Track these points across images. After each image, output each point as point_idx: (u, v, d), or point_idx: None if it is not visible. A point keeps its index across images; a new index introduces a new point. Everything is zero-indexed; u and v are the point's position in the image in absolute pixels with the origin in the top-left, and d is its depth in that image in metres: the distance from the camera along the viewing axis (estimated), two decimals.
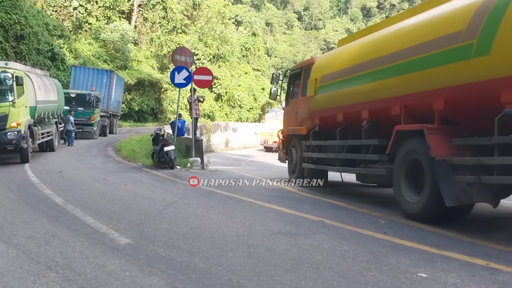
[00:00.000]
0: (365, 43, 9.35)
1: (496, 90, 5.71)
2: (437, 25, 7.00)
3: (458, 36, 6.27)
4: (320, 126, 10.58)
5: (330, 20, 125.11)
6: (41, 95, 15.95)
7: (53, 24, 34.55)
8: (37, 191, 9.23)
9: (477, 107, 6.21)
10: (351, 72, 9.14)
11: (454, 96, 6.45)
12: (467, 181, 6.03)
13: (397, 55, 7.64)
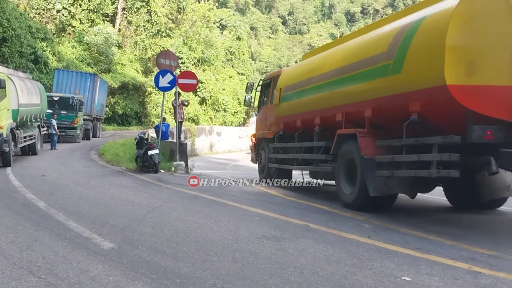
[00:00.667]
0: (318, 59, 10.90)
1: (405, 102, 7.10)
2: (368, 47, 8.47)
3: (381, 57, 7.66)
4: (284, 130, 11.87)
5: (314, 25, 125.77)
6: (23, 98, 15.76)
7: (36, 27, 34.21)
8: (19, 195, 9.10)
9: (394, 115, 7.51)
10: (306, 84, 10.54)
11: (378, 106, 7.83)
12: (385, 175, 7.50)
13: (339, 71, 9.09)
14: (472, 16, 6.37)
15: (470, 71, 6.28)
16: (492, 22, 6.39)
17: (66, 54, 38.19)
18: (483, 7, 6.44)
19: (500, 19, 6.38)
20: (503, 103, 6.31)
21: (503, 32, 6.34)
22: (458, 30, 6.30)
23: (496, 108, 6.29)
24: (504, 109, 6.29)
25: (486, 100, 6.30)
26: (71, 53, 39.35)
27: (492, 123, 6.27)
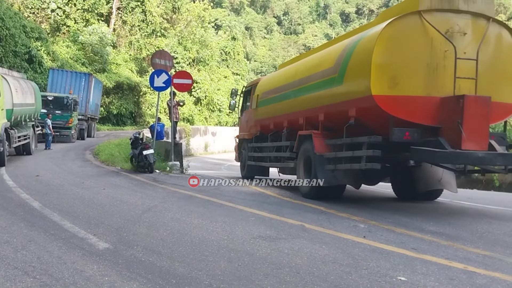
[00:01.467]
0: (287, 70, 12.55)
1: (346, 109, 8.51)
2: (321, 62, 9.99)
3: (329, 71, 9.23)
4: (260, 132, 13.38)
5: (309, 25, 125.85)
6: (18, 98, 15.70)
7: (31, 27, 34.09)
8: (13, 196, 9.06)
9: (338, 119, 8.84)
10: (277, 92, 12.17)
11: (328, 112, 9.34)
12: (331, 168, 8.88)
13: (301, 81, 10.66)
14: (393, 40, 7.75)
15: (391, 84, 7.64)
16: (410, 43, 7.77)
17: (61, 53, 38.07)
18: (403, 32, 7.77)
19: (416, 41, 7.73)
20: (419, 110, 7.64)
21: (419, 51, 7.68)
22: (382, 51, 7.65)
23: (414, 114, 7.62)
24: (421, 115, 7.63)
25: (405, 107, 7.63)
26: (65, 53, 39.23)
27: (411, 126, 7.58)
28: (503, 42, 8.14)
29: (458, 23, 7.74)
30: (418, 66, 7.67)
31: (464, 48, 7.69)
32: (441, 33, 7.62)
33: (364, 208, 8.58)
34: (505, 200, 11.03)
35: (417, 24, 7.69)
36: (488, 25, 7.88)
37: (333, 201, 9.37)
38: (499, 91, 7.95)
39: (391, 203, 9.78)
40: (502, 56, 8.09)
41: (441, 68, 7.64)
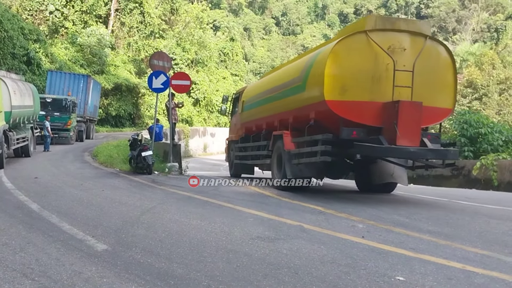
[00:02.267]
0: (267, 78, 14.31)
1: (308, 112, 9.85)
2: (290, 72, 11.51)
3: (296, 80, 10.65)
4: (245, 134, 14.63)
5: (307, 26, 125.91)
6: (16, 100, 15.70)
7: (29, 28, 34.08)
8: (12, 198, 9.06)
9: (303, 120, 10.14)
10: (258, 98, 13.63)
11: (296, 114, 10.67)
12: (295, 163, 10.18)
13: (275, 88, 12.14)
14: (343, 54, 9.14)
15: (341, 91, 9.01)
16: (357, 58, 9.09)
17: (59, 55, 38.07)
18: (351, 48, 9.15)
19: (362, 56, 9.04)
20: (365, 113, 8.94)
21: (365, 64, 8.99)
22: (333, 64, 9.04)
23: (360, 116, 8.94)
24: (366, 117, 8.93)
25: (352, 111, 8.95)
26: (64, 55, 39.24)
27: (358, 127, 8.91)
28: (438, 56, 9.56)
29: (399, 40, 9.14)
30: (364, 76, 8.99)
31: (403, 62, 9.00)
32: (383, 49, 8.96)
33: (363, 208, 8.58)
34: (503, 199, 11.05)
35: (363, 42, 9.05)
36: (425, 42, 9.27)
37: (332, 201, 9.39)
38: (433, 97, 9.28)
39: (391, 203, 9.78)
40: (437, 68, 9.48)
41: (383, 78, 8.95)
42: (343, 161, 10.87)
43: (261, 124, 13.05)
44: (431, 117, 9.36)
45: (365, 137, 8.88)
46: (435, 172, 15.22)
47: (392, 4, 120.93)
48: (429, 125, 9.81)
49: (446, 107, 9.60)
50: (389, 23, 9.49)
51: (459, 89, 42.56)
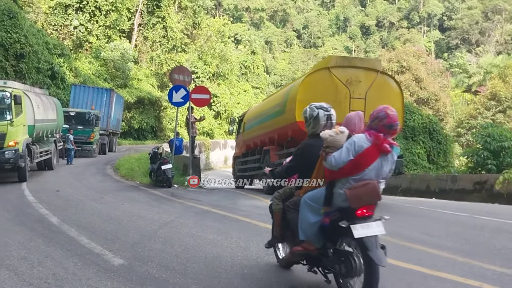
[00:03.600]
0: (262, 103, 17.54)
1: (286, 130, 12.30)
2: (276, 98, 14.33)
3: (279, 104, 13.21)
4: (246, 150, 16.73)
5: (329, 38, 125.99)
6: (39, 114, 15.99)
7: (53, 43, 34.76)
8: (33, 211, 9.21)
9: (284, 137, 12.66)
10: (254, 119, 16.02)
11: (279, 132, 13.03)
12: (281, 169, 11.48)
13: (265, 112, 14.78)
14: (311, 85, 11.57)
15: None
16: (322, 88, 11.39)
17: (83, 69, 38.71)
18: (317, 80, 11.61)
19: (326, 87, 11.39)
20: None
21: (328, 93, 11.14)
22: (303, 92, 11.46)
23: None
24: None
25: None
26: (88, 69, 39.90)
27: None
28: (388, 86, 11.85)
29: (355, 75, 11.47)
30: (327, 102, 9.82)
31: (358, 91, 11.34)
32: (342, 82, 11.39)
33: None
34: None
35: (326, 76, 11.48)
36: (377, 76, 11.61)
37: None
38: None
39: (410, 219, 9.66)
40: (386, 96, 11.41)
41: (342, 104, 11.09)
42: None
43: (257, 141, 15.30)
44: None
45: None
46: (457, 186, 15.00)
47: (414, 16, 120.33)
48: None
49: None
50: (347, 61, 12.18)
51: (482, 102, 42.21)
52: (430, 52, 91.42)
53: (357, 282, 4.14)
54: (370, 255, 3.94)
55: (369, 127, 4.15)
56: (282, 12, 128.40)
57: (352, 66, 11.67)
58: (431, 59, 58.09)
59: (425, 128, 24.52)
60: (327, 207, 4.26)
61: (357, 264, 4.09)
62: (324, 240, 4.44)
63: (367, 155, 4.08)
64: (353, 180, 4.14)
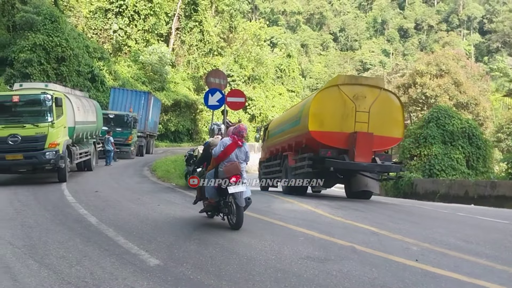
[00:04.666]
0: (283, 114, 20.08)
1: (302, 138, 13.66)
2: (294, 110, 16.11)
3: (296, 116, 14.66)
4: (269, 155, 18.12)
5: (366, 41, 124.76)
6: (79, 116, 16.39)
7: (94, 47, 35.59)
8: (72, 211, 9.43)
9: (299, 144, 13.96)
10: (276, 128, 17.75)
11: (295, 140, 14.32)
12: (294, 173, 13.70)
13: (285, 122, 16.44)
14: (322, 100, 13.00)
15: (321, 124, 12.80)
16: (332, 103, 12.82)
17: (122, 73, 39.48)
18: (328, 96, 13.00)
19: (335, 101, 12.78)
20: (336, 139, 12.66)
21: (337, 107, 12.73)
22: (316, 106, 12.92)
23: (333, 142, 12.68)
24: (337, 142, 12.65)
25: (328, 138, 12.72)
26: (126, 72, 40.67)
27: (332, 148, 12.58)
28: (390, 101, 13.22)
29: (361, 91, 12.79)
30: (336, 115, 12.70)
31: (363, 105, 12.67)
32: (349, 97, 12.71)
33: (418, 230, 8.34)
34: None
35: (336, 92, 12.84)
36: (380, 92, 12.97)
37: (386, 222, 9.19)
38: (385, 130, 12.83)
39: (448, 225, 9.46)
40: (388, 110, 12.99)
41: (349, 116, 12.63)
42: (333, 175, 13.47)
43: (278, 147, 16.52)
44: (384, 143, 12.93)
45: (336, 155, 12.50)
46: (496, 192, 14.61)
47: (453, 19, 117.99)
48: (383, 148, 13.13)
49: (396, 137, 13.28)
50: (354, 79, 13.73)
51: None
52: (469, 55, 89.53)
53: (234, 217, 7.68)
54: (237, 202, 7.52)
55: (231, 134, 7.83)
56: (318, 15, 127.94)
57: (359, 84, 13.11)
58: (471, 63, 56.91)
59: (464, 132, 23.98)
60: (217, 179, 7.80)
61: (233, 207, 7.69)
62: (219, 197, 7.94)
63: (230, 147, 7.76)
64: (226, 162, 7.74)
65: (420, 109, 46.42)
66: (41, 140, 13.77)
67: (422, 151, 24.26)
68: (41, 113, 13.99)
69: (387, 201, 14.91)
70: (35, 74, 25.47)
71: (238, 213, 7.56)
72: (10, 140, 13.48)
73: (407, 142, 25.67)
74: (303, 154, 13.23)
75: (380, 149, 12.93)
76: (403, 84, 48.21)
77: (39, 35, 26.30)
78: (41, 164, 14.02)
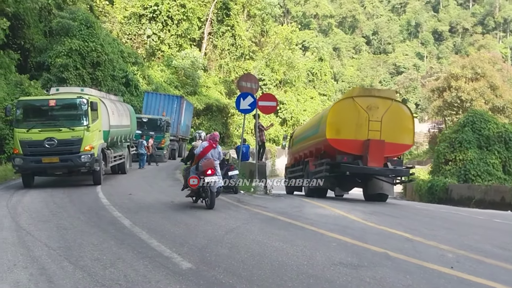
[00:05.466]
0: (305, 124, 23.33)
1: (321, 145, 14.83)
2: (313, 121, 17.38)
3: (315, 125, 15.80)
4: (294, 161, 19.59)
5: (399, 44, 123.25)
6: (114, 120, 16.65)
7: (128, 52, 36.14)
8: (106, 213, 9.59)
9: (319, 151, 15.20)
10: (299, 136, 19.17)
11: (315, 147, 15.50)
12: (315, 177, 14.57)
13: (306, 131, 17.75)
14: (339, 111, 14.20)
15: (337, 132, 13.85)
16: (347, 113, 13.87)
17: (155, 77, 39.96)
18: (344, 107, 14.16)
19: (350, 112, 13.80)
20: (351, 146, 13.66)
21: (352, 116, 13.75)
22: (333, 116, 14.07)
23: (349, 148, 13.69)
24: (352, 149, 13.65)
25: (344, 145, 13.74)
26: (160, 77, 41.17)
27: (347, 154, 13.64)
28: (401, 111, 14.16)
29: (374, 102, 13.79)
30: (351, 124, 13.71)
31: (376, 115, 13.66)
32: (363, 108, 13.72)
33: (454, 237, 8.17)
34: None
35: (351, 103, 13.89)
36: (391, 103, 13.93)
37: (421, 227, 9.04)
38: (396, 137, 13.76)
39: (484, 232, 9.23)
40: (399, 119, 13.96)
41: (362, 125, 13.63)
42: (352, 179, 14.59)
43: (301, 154, 17.73)
44: (395, 149, 13.83)
45: (351, 161, 13.53)
46: None
47: (489, 22, 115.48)
48: (395, 154, 13.96)
49: (407, 143, 14.26)
50: (368, 92, 15.08)
51: None
52: (506, 58, 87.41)
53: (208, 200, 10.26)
54: (211, 188, 10.13)
55: (208, 139, 10.53)
56: (351, 18, 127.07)
57: (372, 96, 14.18)
58: (507, 66, 55.52)
59: (501, 137, 23.44)
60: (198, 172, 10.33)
61: (208, 192, 10.26)
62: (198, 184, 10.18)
63: (207, 148, 10.33)
64: (204, 159, 10.23)
65: (455, 113, 45.62)
66: (76, 144, 14.04)
67: (457, 155, 23.84)
68: (77, 117, 14.27)
69: (421, 207, 14.66)
70: (71, 79, 25.97)
71: (211, 197, 10.31)
72: (46, 144, 13.80)
73: (442, 147, 25.23)
74: (322, 160, 14.38)
75: (392, 155, 13.82)
76: (438, 87, 47.48)
77: (75, 41, 26.83)
78: (77, 167, 14.28)
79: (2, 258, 6.04)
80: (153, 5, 44.18)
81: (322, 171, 14.10)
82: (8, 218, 9.13)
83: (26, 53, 26.18)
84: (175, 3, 44.90)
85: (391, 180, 14.44)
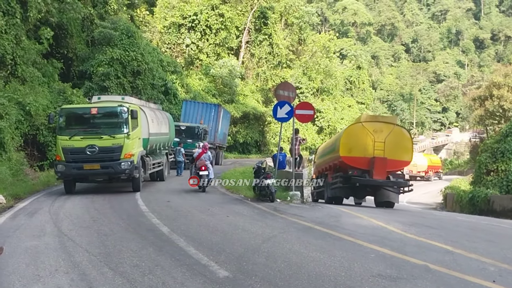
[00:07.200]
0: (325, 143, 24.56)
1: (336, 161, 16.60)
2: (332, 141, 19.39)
3: (333, 144, 17.53)
4: (318, 174, 20.86)
5: (440, 52, 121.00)
6: (153, 127, 16.92)
7: (167, 61, 36.75)
8: (145, 220, 9.73)
9: (335, 165, 16.88)
10: (321, 153, 20.76)
11: (332, 163, 17.12)
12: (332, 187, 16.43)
13: (326, 148, 19.61)
14: (350, 133, 15.98)
15: (349, 151, 15.60)
16: (357, 135, 15.68)
17: (194, 86, 40.48)
18: (354, 130, 15.94)
19: (360, 134, 15.57)
20: (361, 162, 15.33)
21: (361, 138, 15.51)
22: (345, 138, 15.90)
23: (358, 164, 15.36)
24: (361, 164, 15.31)
25: (354, 161, 15.41)
26: (198, 85, 41.68)
27: (357, 169, 15.38)
28: (401, 134, 16.04)
29: (379, 126, 15.67)
30: (360, 144, 15.51)
31: (380, 137, 15.44)
32: (369, 131, 15.49)
33: (496, 250, 7.92)
34: None
35: (360, 127, 15.77)
36: (393, 127, 15.85)
37: (462, 240, 8.80)
38: (397, 155, 15.54)
39: None
40: (399, 140, 15.73)
41: (369, 145, 15.39)
42: (364, 189, 16.10)
43: (323, 168, 19.50)
44: (396, 165, 15.70)
45: (360, 174, 15.34)
46: None
47: None
48: (396, 169, 15.79)
49: (406, 160, 16.14)
50: (374, 118, 17.23)
51: None
52: None
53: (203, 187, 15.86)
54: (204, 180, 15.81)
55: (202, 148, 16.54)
56: (390, 26, 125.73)
57: (377, 121, 16.34)
58: None
59: None
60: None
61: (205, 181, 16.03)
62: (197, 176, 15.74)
63: (201, 153, 16.23)
64: (199, 160, 16.06)
65: (497, 122, 44.40)
66: (117, 151, 14.33)
67: (499, 166, 23.14)
68: (117, 125, 14.56)
69: (462, 218, 14.30)
70: (112, 87, 26.56)
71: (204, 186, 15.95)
72: (88, 151, 14.13)
73: (484, 157, 24.57)
74: (337, 173, 16.33)
75: (393, 169, 15.85)
76: (479, 96, 46.35)
77: (116, 50, 27.46)
78: (117, 174, 14.56)
79: (44, 263, 6.21)
80: (192, 14, 44.89)
81: (337, 182, 15.99)
82: (50, 223, 9.39)
83: (69, 62, 26.97)
84: (213, 13, 45.50)
85: (396, 190, 16.36)
